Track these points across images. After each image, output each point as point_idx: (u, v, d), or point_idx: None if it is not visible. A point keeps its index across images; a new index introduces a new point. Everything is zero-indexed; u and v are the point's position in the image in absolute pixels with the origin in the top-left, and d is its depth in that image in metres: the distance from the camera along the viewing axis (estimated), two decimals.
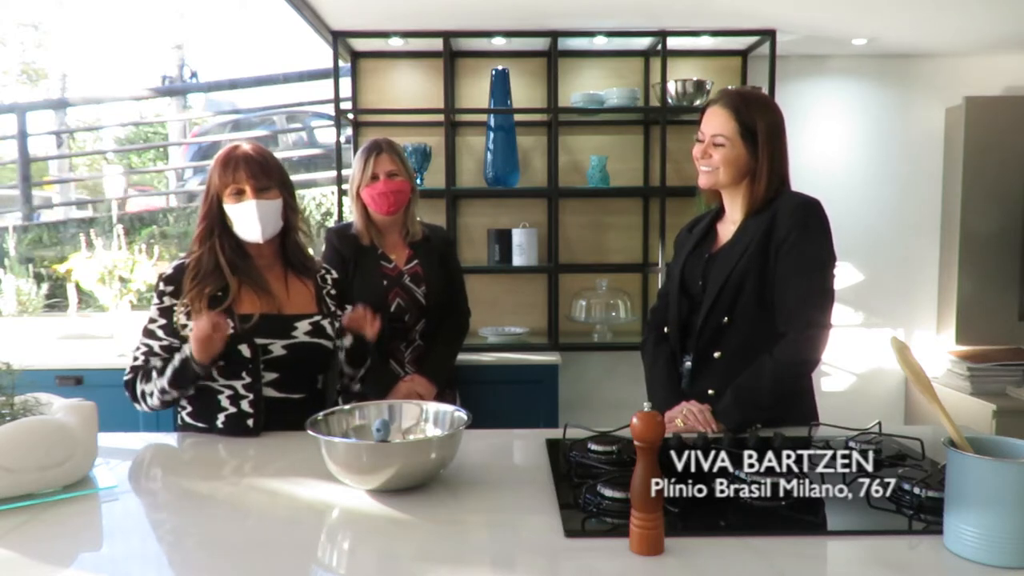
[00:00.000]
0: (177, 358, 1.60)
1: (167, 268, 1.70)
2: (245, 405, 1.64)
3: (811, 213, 1.63)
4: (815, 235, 1.62)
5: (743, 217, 1.70)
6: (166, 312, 1.66)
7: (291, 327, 1.69)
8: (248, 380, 1.64)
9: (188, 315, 1.63)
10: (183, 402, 1.69)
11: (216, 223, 1.70)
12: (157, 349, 1.66)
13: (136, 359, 1.67)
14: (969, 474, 0.96)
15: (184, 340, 1.63)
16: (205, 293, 1.64)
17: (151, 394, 1.63)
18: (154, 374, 1.63)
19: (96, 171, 7.92)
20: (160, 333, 1.66)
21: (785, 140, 1.69)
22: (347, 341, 1.77)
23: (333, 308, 1.80)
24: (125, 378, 1.67)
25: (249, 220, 1.68)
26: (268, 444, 1.57)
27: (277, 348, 1.66)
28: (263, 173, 1.69)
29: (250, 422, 1.62)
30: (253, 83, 7.37)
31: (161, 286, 1.67)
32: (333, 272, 1.87)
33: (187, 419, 1.69)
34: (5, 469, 1.17)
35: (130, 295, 3.15)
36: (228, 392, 1.64)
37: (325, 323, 1.73)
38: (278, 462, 1.47)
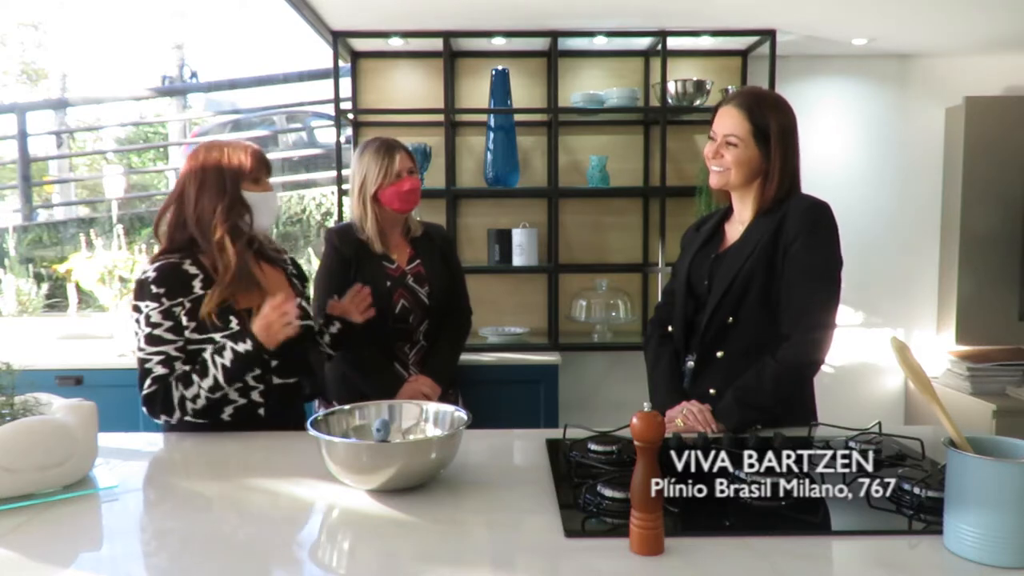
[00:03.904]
0: (231, 351, 1.59)
1: (150, 271, 1.63)
2: (256, 395, 1.69)
3: (820, 215, 1.62)
4: (823, 238, 1.61)
5: (752, 217, 1.70)
6: (168, 314, 1.61)
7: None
8: (259, 372, 1.68)
9: (189, 314, 1.61)
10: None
11: (240, 210, 1.70)
12: (174, 352, 1.61)
13: (152, 371, 1.59)
14: (969, 474, 0.96)
15: (196, 335, 1.62)
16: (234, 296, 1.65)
17: (195, 397, 1.59)
18: (195, 377, 1.59)
19: (96, 171, 7.91)
20: (171, 336, 1.60)
21: (797, 141, 1.69)
22: (335, 327, 1.89)
23: (303, 289, 1.87)
24: (146, 392, 1.59)
25: (271, 209, 1.75)
26: (268, 444, 1.57)
27: None
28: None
29: (261, 411, 1.69)
30: (253, 83, 7.36)
31: (153, 289, 1.60)
32: (290, 256, 1.93)
33: (185, 418, 1.64)
34: (5, 469, 1.17)
35: (130, 295, 3.15)
36: (238, 384, 1.66)
37: (305, 304, 1.80)
38: (278, 462, 1.47)
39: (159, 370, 1.60)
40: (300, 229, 5.91)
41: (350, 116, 3.18)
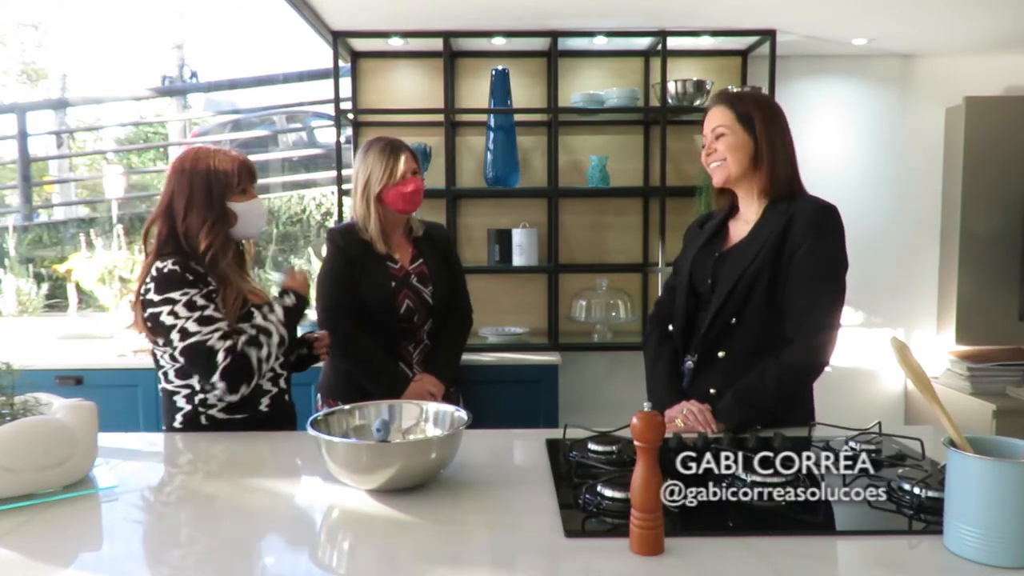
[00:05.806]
0: (279, 308, 1.73)
1: (169, 264, 1.62)
2: (282, 383, 1.80)
3: (827, 218, 1.62)
4: (830, 241, 1.61)
5: (760, 212, 1.69)
6: (209, 297, 1.63)
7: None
8: (282, 359, 1.77)
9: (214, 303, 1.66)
10: (211, 398, 1.68)
11: (225, 223, 1.72)
12: (227, 328, 1.63)
13: (216, 348, 1.59)
14: (969, 474, 0.96)
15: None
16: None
17: (268, 356, 1.66)
18: (261, 338, 1.65)
19: (96, 171, 7.92)
20: (218, 315, 1.63)
21: (786, 128, 1.69)
22: (289, 300, 1.79)
23: None
24: (224, 365, 1.58)
25: (257, 215, 1.77)
26: (268, 444, 1.57)
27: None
28: None
29: (286, 398, 1.81)
30: (253, 83, 7.35)
31: (188, 276, 1.62)
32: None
33: (220, 415, 1.69)
34: (5, 469, 1.17)
35: (130, 295, 3.15)
36: (270, 374, 1.74)
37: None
38: (278, 462, 1.47)
39: (223, 344, 1.60)
40: (300, 229, 5.91)
41: (350, 116, 3.18)
